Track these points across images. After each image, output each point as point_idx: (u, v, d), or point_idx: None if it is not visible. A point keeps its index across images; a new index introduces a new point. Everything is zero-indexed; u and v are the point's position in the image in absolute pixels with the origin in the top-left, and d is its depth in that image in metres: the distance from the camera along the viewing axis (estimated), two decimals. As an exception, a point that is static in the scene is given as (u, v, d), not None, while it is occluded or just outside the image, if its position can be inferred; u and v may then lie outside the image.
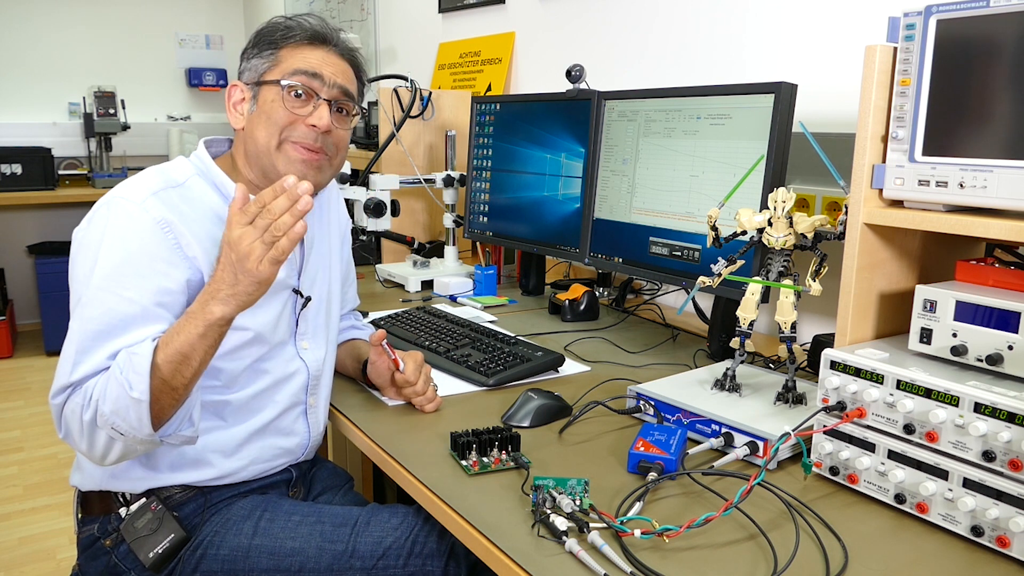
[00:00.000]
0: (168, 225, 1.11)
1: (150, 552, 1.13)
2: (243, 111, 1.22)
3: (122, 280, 1.08)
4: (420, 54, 3.29)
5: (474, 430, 1.11)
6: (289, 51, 1.21)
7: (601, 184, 1.77)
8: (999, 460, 0.84)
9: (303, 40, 1.21)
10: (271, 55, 1.21)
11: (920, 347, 1.01)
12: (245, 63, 1.24)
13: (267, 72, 1.20)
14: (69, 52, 4.73)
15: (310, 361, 1.29)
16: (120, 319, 1.07)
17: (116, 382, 1.02)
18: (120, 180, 4.73)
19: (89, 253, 1.10)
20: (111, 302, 1.07)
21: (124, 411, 1.02)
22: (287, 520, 1.18)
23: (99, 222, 1.12)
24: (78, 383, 1.06)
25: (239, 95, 1.23)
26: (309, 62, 1.20)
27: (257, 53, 1.22)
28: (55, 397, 1.07)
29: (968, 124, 0.96)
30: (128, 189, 1.14)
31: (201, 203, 1.17)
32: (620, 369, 1.49)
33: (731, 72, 1.88)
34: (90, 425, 1.04)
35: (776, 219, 1.19)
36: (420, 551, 1.14)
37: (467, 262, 2.35)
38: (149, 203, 1.11)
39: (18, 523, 2.62)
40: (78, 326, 1.07)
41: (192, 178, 1.19)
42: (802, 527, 0.91)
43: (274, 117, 1.19)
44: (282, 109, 1.18)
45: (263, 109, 1.20)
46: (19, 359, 4.30)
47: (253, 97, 1.21)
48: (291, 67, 1.19)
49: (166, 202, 1.13)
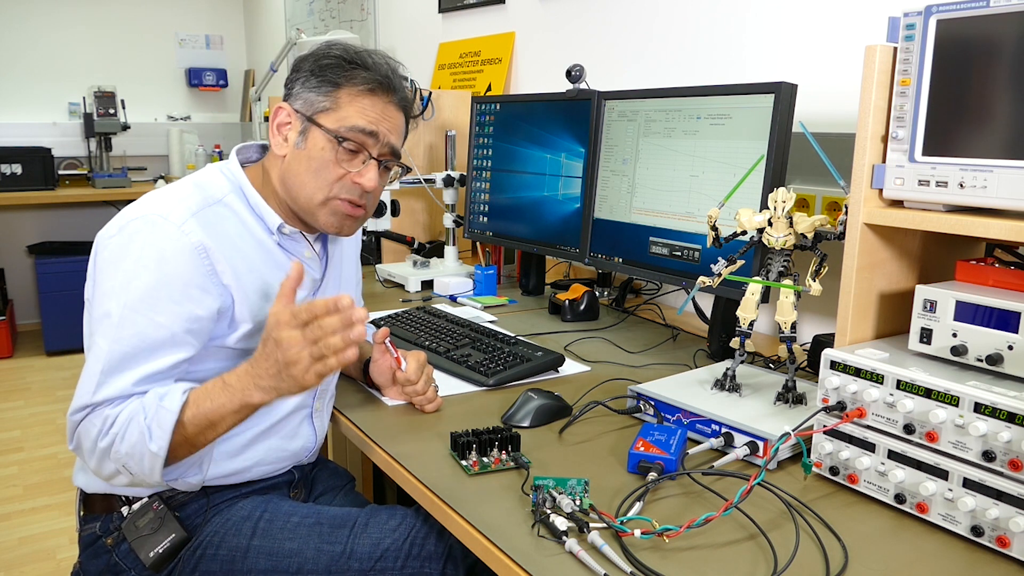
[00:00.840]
0: (206, 252, 1.09)
1: (151, 552, 1.13)
2: (288, 139, 1.18)
3: (156, 304, 1.06)
4: (420, 54, 3.29)
5: (474, 430, 1.11)
6: (349, 96, 1.16)
7: (601, 184, 1.77)
8: (999, 460, 0.84)
9: (365, 88, 1.17)
10: (330, 93, 1.16)
11: (920, 347, 1.01)
12: (299, 88, 1.18)
13: (323, 113, 1.16)
14: (69, 52, 4.74)
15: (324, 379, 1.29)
16: (149, 344, 1.06)
17: (138, 428, 1.03)
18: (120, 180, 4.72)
19: (122, 268, 1.07)
20: (142, 325, 1.05)
21: (139, 457, 1.03)
22: (286, 521, 1.18)
23: (137, 239, 1.08)
24: (99, 404, 1.05)
25: (286, 118, 1.19)
26: (368, 117, 1.17)
27: (316, 86, 1.16)
28: (74, 414, 1.06)
29: (968, 124, 0.96)
30: (167, 206, 1.10)
31: (237, 224, 1.16)
32: (620, 369, 1.49)
33: (731, 72, 1.88)
34: (102, 453, 1.05)
35: (776, 219, 1.19)
36: (418, 553, 1.14)
37: (467, 262, 2.35)
38: (189, 226, 1.09)
39: (18, 523, 2.62)
40: (107, 345, 1.05)
41: (229, 195, 1.17)
42: (802, 527, 0.91)
43: (324, 171, 1.16)
44: (333, 162, 1.16)
45: (312, 154, 1.16)
46: (19, 359, 4.30)
47: (302, 132, 1.17)
48: (350, 120, 1.16)
49: (204, 225, 1.11)
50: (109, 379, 1.05)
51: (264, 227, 1.20)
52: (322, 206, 1.18)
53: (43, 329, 4.32)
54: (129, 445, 1.03)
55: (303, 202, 1.19)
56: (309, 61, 1.19)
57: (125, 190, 4.44)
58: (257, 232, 1.19)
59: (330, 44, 1.20)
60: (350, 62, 1.17)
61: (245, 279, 1.14)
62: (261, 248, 1.19)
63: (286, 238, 1.22)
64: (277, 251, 1.21)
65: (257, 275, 1.16)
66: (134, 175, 4.64)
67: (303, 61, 1.20)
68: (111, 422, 1.04)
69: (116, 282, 1.07)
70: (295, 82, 1.19)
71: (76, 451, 1.10)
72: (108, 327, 1.06)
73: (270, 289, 1.18)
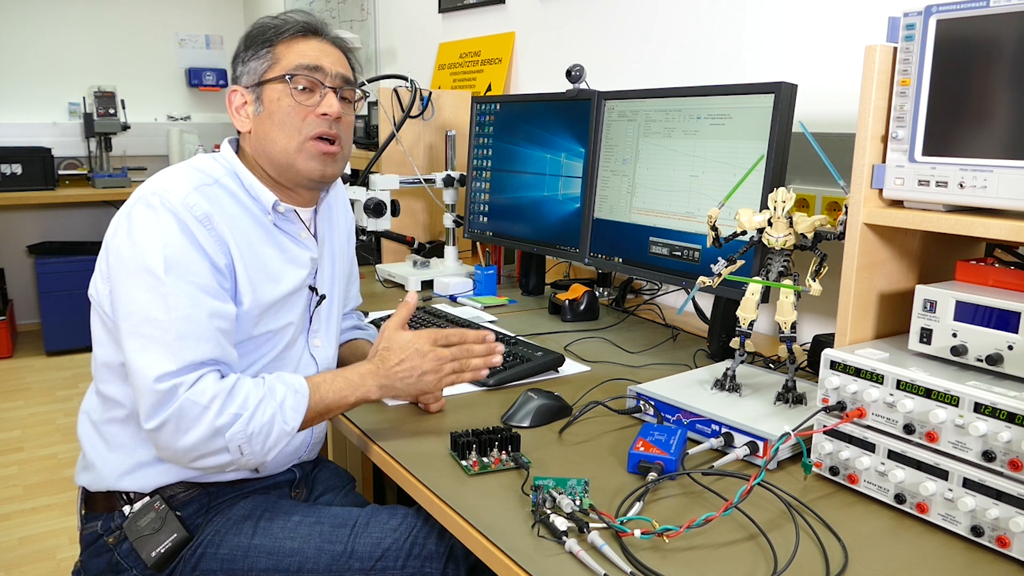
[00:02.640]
0: (210, 220, 1.13)
1: (152, 551, 1.13)
2: (247, 113, 1.23)
3: (189, 267, 1.09)
4: (420, 54, 3.29)
5: (474, 430, 1.11)
6: (285, 47, 1.21)
7: (601, 184, 1.77)
8: (999, 460, 0.84)
9: (296, 34, 1.22)
10: (268, 54, 1.21)
11: (920, 347, 1.01)
12: (241, 67, 1.24)
13: (268, 71, 1.21)
14: (69, 52, 4.73)
15: (321, 359, 1.31)
16: (202, 302, 1.08)
17: (271, 409, 1.08)
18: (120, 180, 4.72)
19: (144, 246, 1.09)
20: (187, 289, 1.08)
21: (265, 436, 1.07)
22: (287, 520, 1.18)
23: (144, 217, 1.11)
24: (191, 366, 1.05)
25: (240, 99, 1.24)
26: (307, 55, 1.21)
27: (253, 55, 1.22)
28: (161, 381, 1.03)
29: (968, 124, 0.96)
30: (166, 184, 1.14)
31: (235, 203, 1.19)
32: (620, 369, 1.49)
33: (731, 72, 1.88)
34: (215, 431, 1.04)
35: (776, 219, 1.19)
36: (419, 553, 1.14)
37: (467, 262, 2.35)
38: (192, 198, 1.12)
39: (18, 523, 2.62)
40: (163, 315, 1.06)
41: (224, 177, 1.20)
42: (802, 527, 0.91)
43: (288, 118, 1.20)
44: (293, 107, 1.19)
45: (270, 109, 1.20)
46: (19, 359, 4.30)
47: (257, 99, 1.22)
48: (291, 62, 1.20)
49: (206, 198, 1.14)
50: (186, 342, 1.05)
51: (260, 207, 1.22)
52: (298, 153, 1.21)
53: (43, 329, 4.32)
54: (259, 424, 1.06)
55: (281, 158, 1.21)
56: (240, 44, 1.25)
57: (125, 190, 4.43)
58: (254, 211, 1.21)
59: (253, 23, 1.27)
60: (275, 22, 1.23)
61: (245, 253, 1.16)
62: (259, 226, 1.21)
63: (281, 217, 1.24)
64: (274, 230, 1.23)
65: (256, 252, 1.19)
66: (134, 175, 4.64)
67: (237, 49, 1.26)
68: (231, 401, 1.05)
69: (142, 260, 1.08)
70: (236, 66, 1.25)
71: (160, 427, 1.04)
72: (159, 299, 1.07)
73: (268, 267, 1.20)
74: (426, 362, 1.16)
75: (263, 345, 1.21)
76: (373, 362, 1.18)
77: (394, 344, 1.18)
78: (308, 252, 1.27)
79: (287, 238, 1.25)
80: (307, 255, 1.27)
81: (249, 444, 1.07)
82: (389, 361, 1.17)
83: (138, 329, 1.07)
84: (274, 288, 1.20)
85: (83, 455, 1.24)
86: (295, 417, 1.10)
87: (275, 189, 1.24)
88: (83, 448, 1.23)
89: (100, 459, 1.20)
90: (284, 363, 1.24)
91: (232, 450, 1.07)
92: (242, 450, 1.07)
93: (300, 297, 1.26)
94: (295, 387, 1.12)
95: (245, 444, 1.06)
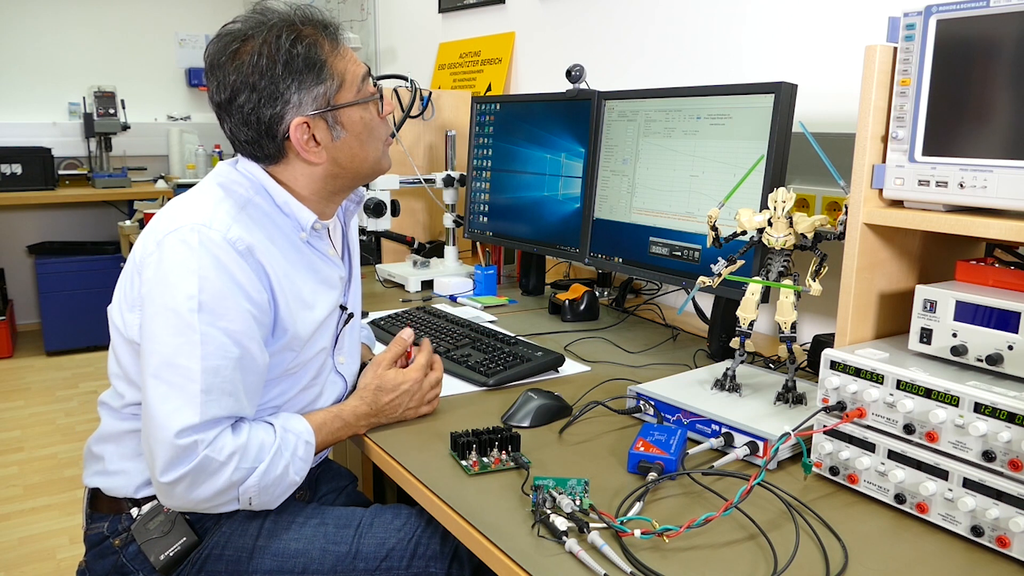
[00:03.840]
0: (251, 253, 1.07)
1: (161, 555, 1.12)
2: (320, 141, 1.13)
3: (227, 313, 1.04)
4: (420, 54, 3.29)
5: (474, 430, 1.11)
6: (335, 59, 1.12)
7: (601, 184, 1.77)
8: (999, 460, 0.84)
9: (336, 42, 1.14)
10: (322, 72, 1.11)
11: (920, 347, 1.01)
12: (295, 95, 1.09)
13: (339, 93, 1.13)
14: (69, 52, 4.73)
15: (348, 375, 1.30)
16: (235, 354, 1.04)
17: (283, 461, 1.08)
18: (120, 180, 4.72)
19: (179, 285, 1.03)
20: (219, 338, 1.03)
21: (275, 486, 1.08)
22: (291, 521, 1.18)
23: (182, 251, 1.04)
24: (213, 421, 1.02)
25: (304, 132, 1.12)
26: (355, 61, 1.16)
27: (307, 79, 1.09)
28: (182, 436, 1.00)
29: (968, 124, 0.96)
30: (205, 213, 1.07)
31: (270, 225, 1.14)
32: (620, 369, 1.49)
33: (731, 72, 1.88)
34: (232, 485, 1.04)
35: (776, 219, 1.19)
36: (424, 552, 1.14)
37: (467, 262, 2.35)
38: (234, 232, 1.06)
39: (18, 523, 2.62)
40: (195, 364, 1.01)
41: (255, 196, 1.15)
42: (802, 527, 0.91)
43: (375, 130, 1.18)
44: (372, 118, 1.18)
45: (357, 130, 1.16)
46: (19, 359, 4.30)
47: (331, 125, 1.13)
48: (357, 76, 1.15)
49: (247, 228, 1.09)
50: (210, 397, 1.02)
51: (293, 224, 1.17)
52: (383, 158, 1.22)
53: (43, 329, 4.32)
54: (272, 477, 1.07)
55: (369, 170, 1.21)
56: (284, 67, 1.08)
57: (125, 190, 4.44)
58: (286, 230, 1.16)
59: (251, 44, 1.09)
60: (313, 35, 1.11)
61: (284, 283, 1.12)
62: (294, 248, 1.17)
63: (315, 235, 1.20)
64: (307, 250, 1.19)
65: (292, 280, 1.14)
66: (134, 175, 4.64)
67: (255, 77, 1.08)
68: (247, 455, 1.04)
69: (173, 301, 1.03)
70: (288, 93, 1.09)
71: (175, 482, 1.01)
72: (188, 346, 1.02)
73: (302, 295, 1.16)
74: (413, 400, 1.23)
75: (298, 373, 1.18)
76: (367, 403, 1.20)
77: (386, 384, 1.21)
78: (337, 271, 1.25)
79: (318, 257, 1.21)
80: (336, 274, 1.24)
81: (259, 496, 1.07)
82: (380, 401, 1.21)
83: (161, 373, 1.02)
84: (309, 316, 1.16)
85: (101, 461, 1.20)
86: (304, 468, 1.11)
87: (312, 206, 1.19)
88: (104, 457, 1.20)
89: (122, 467, 1.18)
90: (315, 386, 1.22)
91: (243, 501, 1.07)
92: (252, 501, 1.07)
93: (332, 319, 1.23)
94: (305, 437, 1.12)
95: (256, 496, 1.07)
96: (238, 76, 1.09)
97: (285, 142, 1.13)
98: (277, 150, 1.14)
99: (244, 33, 1.09)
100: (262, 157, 1.15)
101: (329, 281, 1.22)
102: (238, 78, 1.09)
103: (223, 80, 1.10)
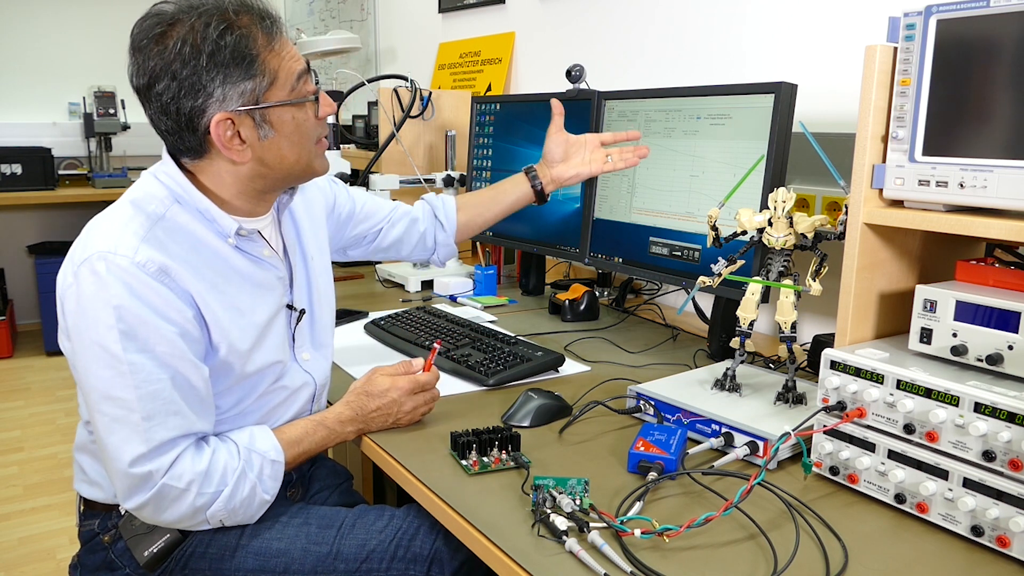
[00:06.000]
0: (167, 273, 1.03)
1: (145, 551, 1.13)
2: (246, 139, 1.07)
3: (150, 337, 1.01)
4: (420, 54, 3.29)
5: (474, 430, 1.11)
6: (270, 55, 1.05)
7: (601, 184, 1.77)
8: (999, 460, 0.84)
9: (271, 35, 1.06)
10: (251, 67, 1.03)
11: (920, 347, 1.01)
12: (218, 89, 1.02)
13: (269, 91, 1.05)
14: (69, 52, 4.73)
15: (316, 372, 1.27)
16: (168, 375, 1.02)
17: (249, 483, 1.08)
18: (120, 180, 4.70)
19: (96, 317, 1.00)
20: (149, 364, 1.01)
21: (247, 506, 1.09)
22: (275, 520, 1.18)
23: (94, 282, 1.00)
24: (164, 445, 1.02)
25: (229, 128, 1.05)
26: (293, 56, 1.08)
27: (242, 75, 1.03)
28: (135, 466, 1.00)
29: (968, 124, 0.96)
30: (112, 239, 1.02)
31: (188, 236, 1.08)
32: (620, 369, 1.49)
33: (731, 72, 1.88)
34: (197, 510, 1.05)
35: (776, 219, 1.19)
36: (403, 555, 1.14)
37: (467, 262, 2.35)
38: (142, 254, 1.01)
39: (18, 523, 2.62)
40: (130, 394, 1.00)
41: (171, 207, 1.08)
42: (802, 527, 0.91)
43: (306, 132, 1.11)
44: (307, 120, 1.10)
45: (287, 130, 1.09)
46: (19, 359, 4.30)
47: (260, 122, 1.06)
48: (291, 72, 1.07)
49: (158, 247, 1.04)
50: (153, 422, 1.01)
51: (217, 229, 1.11)
52: (315, 158, 1.15)
53: (43, 329, 4.32)
54: (239, 500, 1.07)
55: (300, 172, 1.14)
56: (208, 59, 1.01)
57: (125, 190, 4.43)
58: (211, 241, 1.10)
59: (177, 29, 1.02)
60: (235, 25, 1.02)
61: (210, 297, 1.07)
62: (218, 258, 1.11)
63: (243, 239, 1.14)
64: (235, 256, 1.13)
65: (221, 291, 1.10)
66: (134, 175, 4.63)
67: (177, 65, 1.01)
68: (208, 481, 1.04)
69: (98, 333, 1.00)
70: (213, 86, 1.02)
71: (139, 508, 1.03)
72: (119, 378, 1.00)
73: (237, 304, 1.12)
74: (402, 413, 1.21)
75: (252, 378, 1.16)
76: (352, 407, 1.20)
77: (373, 389, 1.20)
78: (274, 271, 1.19)
79: (249, 261, 1.15)
80: (274, 275, 1.19)
81: (231, 517, 1.09)
82: (367, 408, 1.20)
83: (101, 407, 1.01)
84: (249, 323, 1.13)
85: (82, 470, 1.22)
86: (274, 486, 1.11)
87: (234, 210, 1.13)
88: (83, 467, 1.21)
89: (99, 478, 1.19)
90: (278, 390, 1.20)
91: (214, 522, 1.09)
92: (223, 522, 1.09)
93: (280, 320, 1.19)
94: (271, 456, 1.11)
95: (227, 517, 1.09)
96: (159, 62, 1.02)
97: (206, 137, 1.05)
98: (199, 144, 1.07)
99: (172, 16, 1.02)
100: (184, 150, 1.09)
101: (266, 284, 1.17)
102: (158, 64, 1.02)
103: (143, 64, 1.04)
